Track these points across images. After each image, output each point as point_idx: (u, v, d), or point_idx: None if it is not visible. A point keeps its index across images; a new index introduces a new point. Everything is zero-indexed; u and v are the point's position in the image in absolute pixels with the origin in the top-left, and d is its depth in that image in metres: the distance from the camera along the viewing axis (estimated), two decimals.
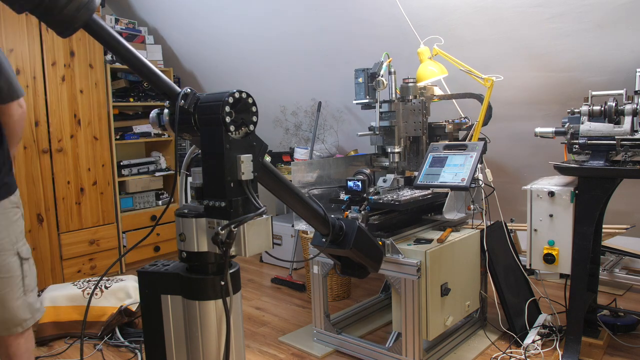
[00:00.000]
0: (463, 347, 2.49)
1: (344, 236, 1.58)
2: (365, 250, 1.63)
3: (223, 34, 3.89)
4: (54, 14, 0.98)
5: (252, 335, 2.75)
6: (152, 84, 1.18)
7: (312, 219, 1.48)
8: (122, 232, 3.99)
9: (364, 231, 1.63)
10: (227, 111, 1.12)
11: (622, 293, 3.11)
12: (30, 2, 0.96)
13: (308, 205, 1.44)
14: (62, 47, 3.56)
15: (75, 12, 0.99)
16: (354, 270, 1.73)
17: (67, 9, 0.98)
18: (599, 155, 2.10)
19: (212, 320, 1.19)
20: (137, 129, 4.16)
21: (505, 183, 3.26)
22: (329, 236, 1.54)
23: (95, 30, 1.07)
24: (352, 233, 1.56)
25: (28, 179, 3.39)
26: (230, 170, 1.14)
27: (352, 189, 2.37)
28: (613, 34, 2.38)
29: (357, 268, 1.73)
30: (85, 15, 1.01)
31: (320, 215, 1.49)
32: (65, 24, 1.00)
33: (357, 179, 2.36)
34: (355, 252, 1.58)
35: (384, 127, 2.66)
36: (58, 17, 0.99)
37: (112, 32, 1.10)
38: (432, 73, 2.66)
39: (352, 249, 1.56)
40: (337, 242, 1.58)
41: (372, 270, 1.72)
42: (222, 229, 1.11)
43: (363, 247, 1.61)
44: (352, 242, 1.55)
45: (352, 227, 1.58)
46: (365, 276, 1.77)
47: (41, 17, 1.00)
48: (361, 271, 1.73)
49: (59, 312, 2.74)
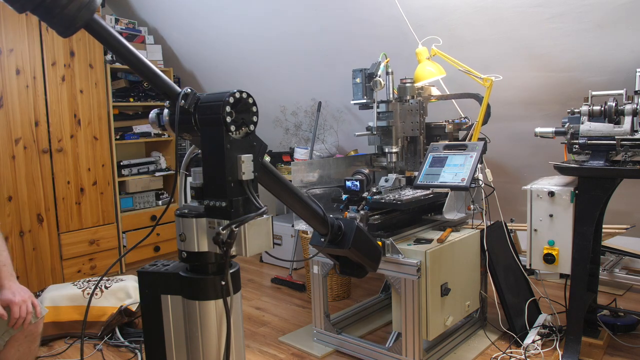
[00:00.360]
0: (463, 347, 2.49)
1: (342, 236, 1.58)
2: (364, 250, 1.63)
3: (223, 34, 3.89)
4: (55, 13, 0.98)
5: (252, 335, 2.75)
6: (152, 84, 1.18)
7: (311, 218, 1.48)
8: (122, 232, 3.99)
9: (363, 231, 1.63)
10: (227, 111, 1.12)
11: (622, 293, 3.11)
12: (32, 2, 0.96)
13: (307, 205, 1.44)
14: (62, 47, 3.56)
15: (76, 11, 0.99)
16: (352, 270, 1.73)
17: (68, 8, 0.98)
18: (599, 155, 2.10)
19: (212, 320, 1.19)
20: (137, 129, 4.16)
21: (505, 183, 3.26)
22: (327, 236, 1.54)
23: (96, 30, 1.07)
24: (350, 233, 1.57)
25: (28, 179, 3.39)
26: (231, 170, 1.14)
27: (351, 188, 2.37)
28: (613, 34, 2.38)
29: (356, 268, 1.73)
30: (86, 15, 1.01)
31: (319, 215, 1.49)
32: (66, 23, 1.00)
33: (356, 179, 2.36)
34: (354, 252, 1.58)
35: (381, 127, 2.67)
36: (59, 16, 0.98)
37: (113, 32, 1.10)
38: (430, 73, 2.66)
39: (350, 248, 1.56)
40: (336, 242, 1.58)
41: (370, 269, 1.72)
42: (223, 229, 1.11)
43: (362, 246, 1.61)
44: (351, 242, 1.55)
45: (350, 226, 1.58)
46: (363, 275, 1.77)
47: (42, 17, 1.00)
48: (359, 271, 1.73)
49: (59, 312, 2.74)
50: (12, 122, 3.32)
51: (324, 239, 1.56)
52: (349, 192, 2.38)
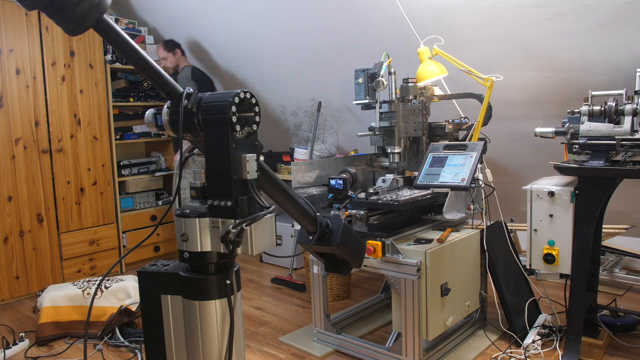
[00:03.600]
0: (463, 347, 2.49)
1: (330, 233, 1.59)
2: (350, 247, 1.64)
3: (223, 34, 3.89)
4: (66, 12, 0.97)
5: (252, 335, 2.75)
6: (156, 84, 1.18)
7: (302, 217, 1.49)
8: (122, 232, 3.99)
9: (349, 228, 1.65)
10: (233, 111, 1.13)
11: (622, 293, 3.11)
12: (43, 0, 0.95)
13: (298, 203, 1.45)
14: (62, 47, 3.56)
15: (87, 10, 0.99)
16: (337, 267, 1.74)
17: (79, 7, 0.97)
18: (599, 155, 2.10)
19: (212, 320, 1.19)
20: (137, 129, 4.16)
21: (505, 183, 3.26)
22: (316, 234, 1.55)
23: (104, 30, 1.07)
24: (338, 230, 1.58)
25: (28, 179, 3.39)
26: (236, 169, 1.15)
27: (334, 187, 2.38)
28: (613, 34, 2.38)
29: (341, 264, 1.74)
30: (96, 15, 1.01)
31: (309, 214, 1.50)
32: (76, 22, 1.00)
33: (340, 178, 2.37)
34: (342, 249, 1.60)
35: (383, 127, 2.66)
36: (69, 15, 0.98)
37: (121, 32, 1.10)
38: (432, 73, 2.66)
39: (339, 245, 1.57)
40: (324, 240, 1.59)
41: (354, 265, 1.73)
42: (234, 227, 1.12)
43: (348, 243, 1.62)
44: (339, 239, 1.57)
45: (337, 224, 1.60)
46: (348, 272, 1.78)
47: (52, 15, 0.98)
48: (344, 267, 1.75)
49: (59, 312, 2.74)
50: (12, 122, 3.32)
51: (312, 237, 1.57)
52: (332, 191, 2.39)
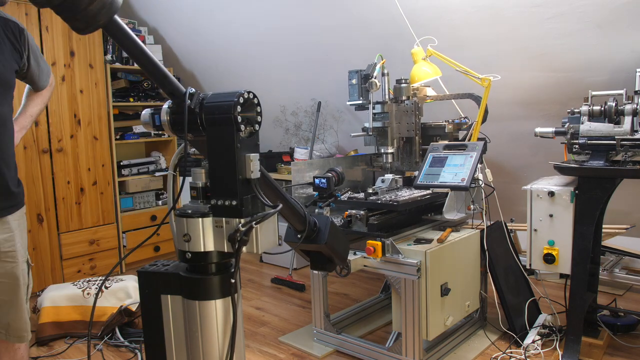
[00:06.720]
0: (463, 347, 2.49)
1: (317, 232, 1.60)
2: (337, 244, 1.66)
3: (223, 34, 3.89)
4: (77, 11, 0.97)
5: (252, 335, 2.75)
6: (160, 85, 1.18)
7: (291, 215, 1.50)
8: (122, 232, 3.99)
9: (336, 226, 1.66)
10: (238, 111, 1.14)
11: (622, 293, 3.11)
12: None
13: (288, 202, 1.46)
14: (62, 47, 3.56)
15: (98, 10, 0.99)
16: (323, 265, 1.76)
17: (91, 6, 0.97)
18: (599, 155, 2.10)
19: (212, 320, 1.19)
20: (137, 129, 4.16)
21: (505, 183, 3.26)
22: (304, 232, 1.56)
23: (114, 29, 1.07)
24: (325, 228, 1.60)
25: (28, 179, 3.39)
26: (240, 169, 1.15)
27: (318, 186, 2.38)
28: (613, 34, 2.38)
29: (327, 262, 1.75)
30: (108, 14, 1.01)
31: (299, 212, 1.51)
32: (88, 21, 1.00)
33: (324, 177, 2.37)
34: (329, 247, 1.61)
35: (377, 128, 2.68)
36: (80, 14, 0.98)
37: (130, 33, 1.10)
38: (425, 74, 2.66)
39: (327, 243, 1.58)
40: (312, 238, 1.60)
41: (339, 263, 1.74)
42: (243, 226, 1.12)
43: (335, 241, 1.63)
44: (327, 237, 1.58)
45: (324, 222, 1.61)
46: (332, 269, 1.79)
47: (62, 13, 0.98)
48: (329, 265, 1.76)
49: (59, 312, 2.74)
50: None
51: (300, 235, 1.58)
52: (317, 189, 2.39)
